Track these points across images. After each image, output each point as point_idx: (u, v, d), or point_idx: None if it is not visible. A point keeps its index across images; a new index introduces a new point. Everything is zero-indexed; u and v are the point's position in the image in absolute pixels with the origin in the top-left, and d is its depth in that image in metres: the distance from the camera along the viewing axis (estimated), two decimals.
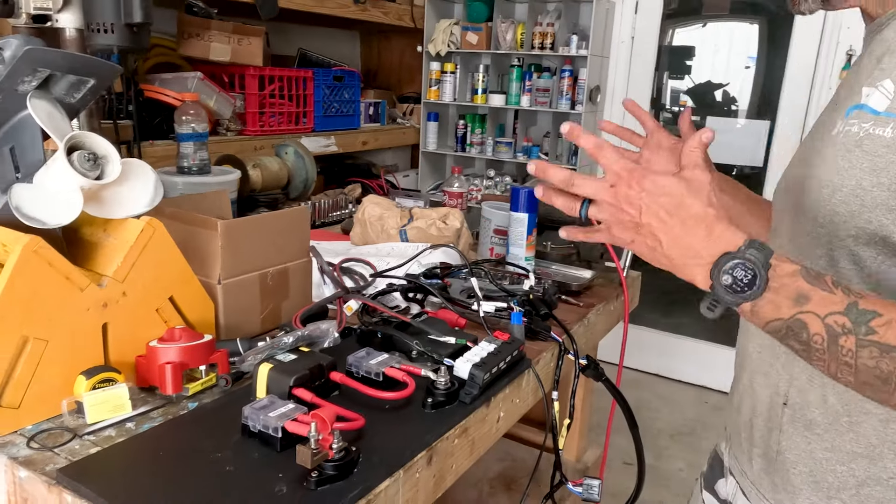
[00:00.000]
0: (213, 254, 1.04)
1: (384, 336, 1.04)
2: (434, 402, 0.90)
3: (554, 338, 1.17)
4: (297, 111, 2.76)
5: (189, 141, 1.68)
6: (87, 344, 0.87)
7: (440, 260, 1.40)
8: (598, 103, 3.38)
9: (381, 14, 3.14)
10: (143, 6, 1.19)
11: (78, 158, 0.85)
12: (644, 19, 3.35)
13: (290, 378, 0.85)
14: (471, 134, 3.62)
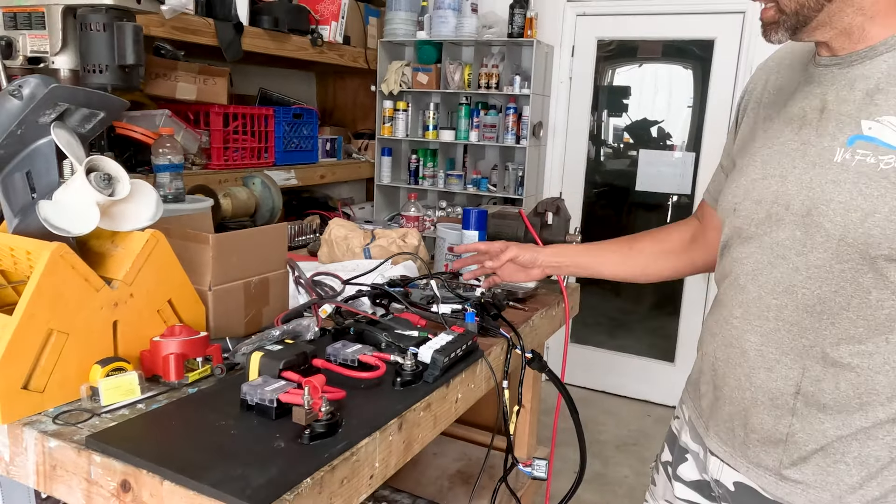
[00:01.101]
0: (204, 264, 1.18)
1: (357, 331, 1.20)
2: (402, 381, 1.06)
3: (503, 334, 1.34)
4: (259, 146, 2.91)
5: (165, 171, 1.81)
6: (101, 338, 1.01)
7: (401, 273, 1.57)
8: (541, 137, 3.63)
9: (336, 56, 3.34)
10: (136, 49, 1.34)
11: (95, 178, 0.99)
12: (580, 62, 3.64)
13: (279, 362, 1.00)
14: (423, 167, 3.82)
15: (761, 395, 0.94)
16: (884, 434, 0.86)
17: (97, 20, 1.31)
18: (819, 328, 0.87)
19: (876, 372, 0.85)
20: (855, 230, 0.81)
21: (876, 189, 0.80)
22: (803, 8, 0.84)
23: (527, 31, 3.39)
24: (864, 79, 0.84)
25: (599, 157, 4.02)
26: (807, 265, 0.87)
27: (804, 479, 0.91)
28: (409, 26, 3.65)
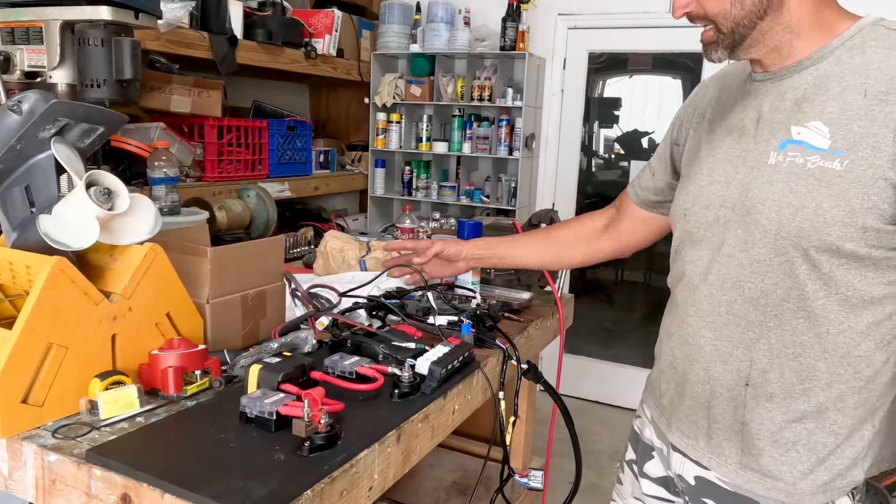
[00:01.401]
0: (202, 277, 1.19)
1: (354, 343, 1.21)
2: (400, 392, 1.07)
3: (498, 345, 1.35)
4: (253, 158, 2.92)
5: (161, 184, 1.83)
6: (100, 351, 1.01)
7: (397, 285, 1.58)
8: (533, 149, 3.66)
9: (330, 69, 3.36)
10: (134, 64, 1.35)
11: (94, 192, 1.00)
12: (572, 74, 3.68)
13: (278, 374, 1.01)
14: (416, 179, 3.84)
15: (719, 388, 1.00)
16: (830, 423, 0.93)
17: (95, 35, 1.32)
18: (764, 321, 0.95)
19: (816, 360, 0.92)
20: (788, 225, 0.89)
21: (804, 186, 0.88)
22: (738, 27, 0.92)
23: (519, 44, 3.43)
24: (792, 90, 0.93)
25: (591, 167, 4.06)
26: (750, 261, 0.94)
27: (760, 468, 0.97)
28: (403, 39, 3.67)
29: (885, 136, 0.84)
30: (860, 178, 0.85)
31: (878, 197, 0.84)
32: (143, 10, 1.34)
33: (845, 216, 0.85)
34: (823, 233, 0.87)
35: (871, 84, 0.86)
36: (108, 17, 1.30)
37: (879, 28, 0.90)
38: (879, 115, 0.85)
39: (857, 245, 0.86)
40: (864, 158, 0.85)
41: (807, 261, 0.89)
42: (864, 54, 0.88)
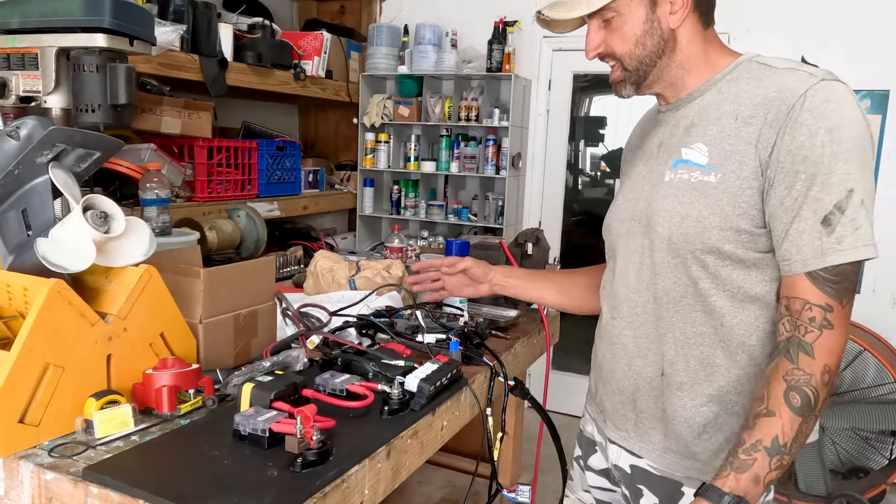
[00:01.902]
0: (195, 297, 1.22)
1: (344, 362, 1.23)
2: (390, 409, 1.09)
3: (486, 362, 1.38)
4: (243, 179, 2.95)
5: (153, 206, 1.85)
6: (95, 371, 1.03)
7: (386, 303, 1.61)
8: (520, 168, 3.71)
9: (319, 90, 3.41)
10: (128, 90, 1.38)
11: (91, 216, 1.03)
12: (557, 94, 3.75)
13: (270, 393, 1.03)
14: (405, 198, 3.88)
15: (641, 381, 1.12)
16: (732, 405, 1.05)
17: (91, 62, 1.35)
18: (669, 316, 1.07)
19: (714, 349, 1.04)
20: (677, 231, 1.03)
21: (688, 198, 1.02)
22: (641, 65, 1.07)
23: (505, 66, 3.49)
24: (685, 118, 1.08)
25: (577, 185, 4.11)
26: (654, 264, 1.08)
27: (679, 450, 1.08)
28: (391, 61, 3.73)
29: (749, 152, 0.97)
30: (731, 188, 0.98)
31: (747, 203, 0.97)
32: (138, 38, 1.38)
33: (721, 221, 0.99)
34: (705, 237, 1.00)
35: (741, 109, 0.99)
36: (103, 45, 1.33)
37: (753, 63, 1.04)
38: (745, 134, 0.98)
39: (734, 247, 0.99)
40: (733, 171, 0.98)
41: (696, 262, 1.02)
42: (738, 85, 1.02)
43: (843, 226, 0.91)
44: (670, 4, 1.03)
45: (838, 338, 0.93)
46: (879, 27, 3.03)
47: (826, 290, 0.92)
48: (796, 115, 0.93)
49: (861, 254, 0.91)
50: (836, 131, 0.91)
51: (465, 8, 3.76)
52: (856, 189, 0.91)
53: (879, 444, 2.91)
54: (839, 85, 0.94)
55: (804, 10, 3.11)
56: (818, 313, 0.93)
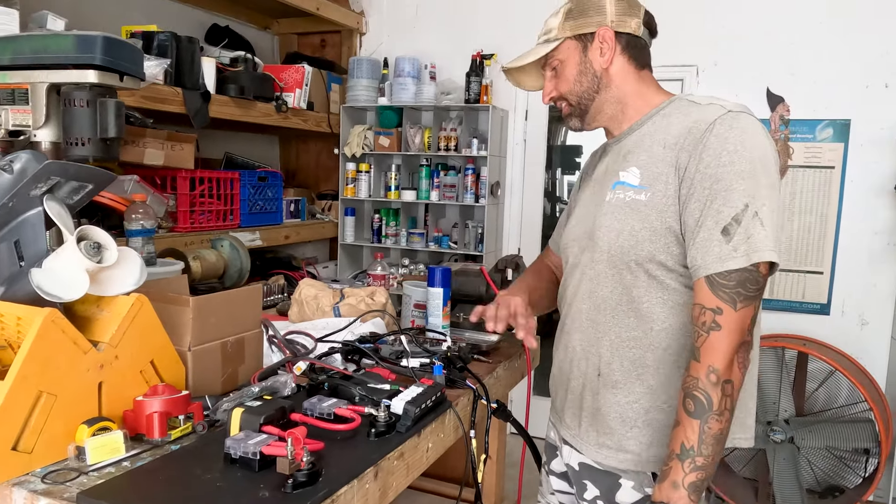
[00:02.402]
0: (184, 325, 1.24)
1: (331, 386, 1.26)
2: (377, 431, 1.12)
3: (469, 385, 1.42)
4: (225, 209, 2.98)
5: (138, 236, 1.87)
6: (87, 399, 1.05)
7: (370, 330, 1.65)
8: (498, 196, 3.79)
9: (301, 121, 3.46)
10: (118, 123, 1.42)
11: (84, 247, 1.06)
12: (533, 124, 3.84)
13: (260, 417, 1.06)
14: (386, 226, 3.92)
15: (585, 381, 1.24)
16: (661, 402, 1.16)
17: (81, 97, 1.39)
18: (606, 321, 1.20)
19: (645, 351, 1.17)
20: (613, 244, 1.17)
21: (623, 215, 1.16)
22: (581, 100, 1.25)
23: (483, 97, 3.58)
24: (625, 147, 1.23)
25: (555, 213, 4.20)
26: (595, 274, 1.21)
27: (614, 444, 1.20)
28: (371, 92, 3.80)
29: (671, 174, 1.11)
30: (657, 205, 1.12)
31: (671, 218, 1.11)
32: (128, 74, 1.42)
33: (650, 234, 1.13)
34: (637, 248, 1.14)
35: (668, 138, 1.14)
36: (94, 81, 1.37)
37: (683, 101, 1.20)
38: (669, 158, 1.12)
39: (664, 258, 1.12)
40: (660, 191, 1.12)
41: (629, 271, 1.16)
42: (669, 118, 1.18)
43: (738, 235, 1.03)
44: (599, 48, 1.21)
45: (726, 338, 1.03)
46: (841, 61, 3.17)
47: (719, 293, 1.04)
48: (706, 140, 1.08)
49: (752, 258, 1.02)
50: (736, 153, 1.05)
51: (444, 42, 3.86)
52: (751, 204, 1.03)
53: (854, 462, 2.98)
54: (745, 116, 1.09)
55: (770, 44, 3.25)
56: (708, 317, 1.04)
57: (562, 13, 1.24)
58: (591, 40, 1.22)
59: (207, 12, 3.58)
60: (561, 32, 1.23)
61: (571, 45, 1.23)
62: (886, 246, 3.18)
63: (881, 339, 3.22)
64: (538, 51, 1.25)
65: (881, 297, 3.21)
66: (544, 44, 1.25)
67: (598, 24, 1.20)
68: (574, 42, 1.22)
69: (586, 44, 1.22)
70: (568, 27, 1.22)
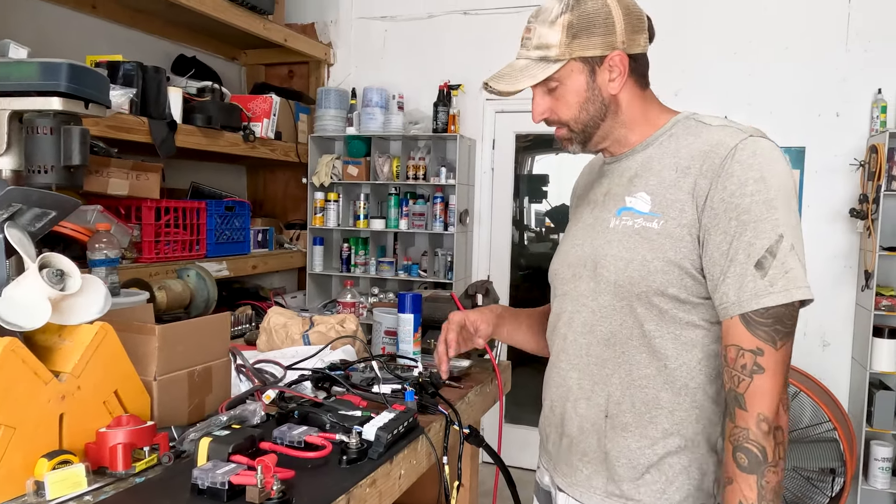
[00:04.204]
0: (149, 354, 1.22)
1: (301, 414, 1.24)
2: (348, 458, 1.11)
3: (441, 411, 1.41)
4: (191, 239, 2.94)
5: (101, 266, 1.84)
6: (47, 431, 1.02)
7: (340, 357, 1.63)
8: (467, 224, 3.81)
9: (268, 151, 3.45)
10: (82, 151, 1.40)
11: (47, 274, 1.03)
12: (501, 153, 3.90)
13: (228, 446, 1.03)
14: (355, 255, 3.91)
15: (585, 423, 1.14)
16: (675, 447, 1.07)
17: (44, 124, 1.37)
18: (615, 358, 1.10)
19: (659, 390, 1.07)
20: (622, 275, 1.07)
21: (632, 243, 1.07)
22: (587, 127, 1.14)
23: (450, 127, 3.63)
24: (628, 169, 1.14)
25: (523, 241, 4.23)
26: (599, 307, 1.11)
27: (622, 493, 1.10)
28: (339, 122, 3.83)
29: (687, 200, 1.03)
30: (672, 233, 1.04)
31: (687, 248, 1.03)
32: (93, 101, 1.40)
33: (664, 265, 1.03)
34: (649, 280, 1.05)
35: (680, 162, 1.06)
36: (58, 108, 1.35)
37: (690, 120, 1.12)
38: (684, 184, 1.04)
39: (678, 290, 1.04)
40: (674, 218, 1.04)
41: (641, 304, 1.06)
42: (677, 140, 1.10)
43: (774, 269, 0.95)
44: (608, 72, 1.09)
45: (771, 381, 0.95)
46: (795, 91, 3.30)
47: (758, 333, 0.95)
48: (728, 167, 1.00)
49: (793, 295, 0.95)
50: (762, 181, 0.97)
51: (411, 72, 3.92)
52: (785, 234, 0.96)
53: (820, 482, 3.02)
54: (765, 141, 1.02)
55: (730, 73, 3.37)
56: (749, 359, 0.96)
57: (560, 26, 1.07)
58: (600, 63, 1.09)
59: (174, 43, 3.58)
60: (564, 52, 1.07)
61: (576, 68, 1.08)
62: (843, 269, 3.28)
63: (842, 360, 3.30)
64: (534, 72, 1.09)
65: (840, 319, 3.29)
66: (540, 62, 1.09)
67: (608, 46, 1.07)
68: (579, 64, 1.08)
69: (594, 66, 1.09)
70: (574, 47, 1.07)
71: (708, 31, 3.39)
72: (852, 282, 3.27)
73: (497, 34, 3.70)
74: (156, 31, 3.44)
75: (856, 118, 3.22)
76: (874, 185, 3.02)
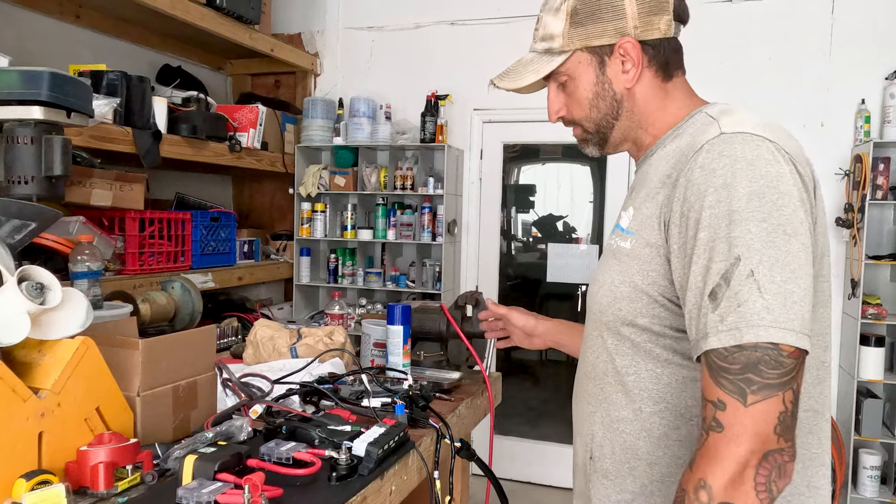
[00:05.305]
0: (133, 369, 1.18)
1: (289, 429, 1.21)
2: (338, 475, 1.08)
3: (432, 424, 1.39)
4: (176, 250, 2.90)
5: (83, 278, 1.79)
6: (25, 450, 0.98)
7: (329, 370, 1.60)
8: (455, 234, 3.80)
9: (254, 161, 3.42)
10: (64, 161, 1.37)
11: (26, 287, 1.00)
12: (488, 164, 3.89)
13: (214, 464, 1.00)
14: (342, 266, 3.88)
15: (578, 459, 1.06)
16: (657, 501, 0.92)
17: (25, 134, 1.34)
18: (596, 393, 0.99)
19: (636, 438, 0.93)
20: (594, 300, 0.98)
21: (607, 265, 0.96)
22: (600, 127, 1.01)
23: (438, 137, 3.62)
24: (636, 180, 1.02)
25: (511, 251, 4.22)
26: (585, 336, 1.04)
27: None
28: (326, 132, 3.80)
29: (657, 216, 0.88)
30: (640, 255, 0.89)
31: (656, 272, 0.87)
32: (75, 110, 1.38)
33: (630, 291, 0.90)
34: (615, 307, 0.92)
35: (665, 169, 0.90)
36: (40, 117, 1.33)
37: (701, 114, 0.94)
38: (659, 196, 0.89)
39: (649, 321, 0.88)
40: (644, 237, 0.89)
41: (611, 334, 0.94)
42: (678, 141, 0.93)
43: (727, 300, 0.75)
44: (621, 63, 0.95)
45: (729, 446, 0.73)
46: (781, 101, 3.32)
47: (720, 381, 0.75)
48: (689, 172, 0.83)
49: (744, 337, 0.73)
50: (725, 189, 0.78)
51: (398, 82, 3.91)
52: (744, 256, 0.75)
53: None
54: (744, 138, 0.81)
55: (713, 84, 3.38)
56: (709, 412, 0.76)
57: (564, 13, 0.95)
58: (610, 53, 0.95)
59: (159, 53, 3.55)
60: (567, 43, 0.96)
61: (583, 59, 0.96)
62: (830, 278, 3.29)
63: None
64: (538, 66, 0.99)
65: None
66: (545, 55, 0.99)
67: (616, 31, 0.94)
68: (586, 55, 0.96)
69: (603, 57, 0.96)
70: (577, 36, 0.95)
71: (691, 42, 3.41)
72: (838, 291, 3.28)
73: (484, 44, 3.71)
74: (140, 41, 3.41)
75: (840, 128, 3.25)
76: (859, 194, 3.04)
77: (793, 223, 0.77)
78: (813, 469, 0.90)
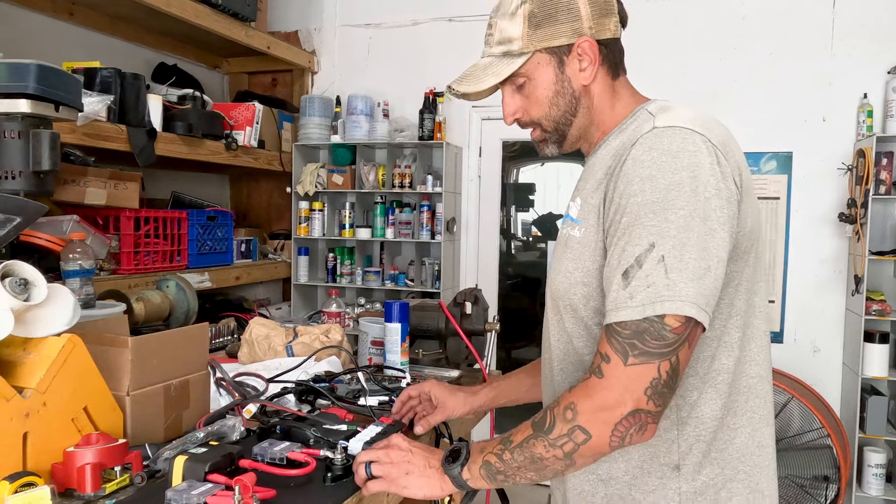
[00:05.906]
0: (122, 368, 1.15)
1: (283, 429, 1.18)
2: (333, 475, 1.05)
3: None
4: (172, 249, 2.87)
5: (75, 277, 1.76)
6: (9, 452, 0.95)
7: (325, 368, 1.57)
8: (454, 232, 3.76)
9: (251, 160, 3.39)
10: (52, 156, 1.34)
11: (10, 283, 0.97)
12: (487, 161, 3.86)
13: (205, 465, 0.97)
14: (340, 265, 3.85)
15: None
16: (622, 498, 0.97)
17: (12, 128, 1.31)
18: (557, 378, 1.04)
19: None
20: (552, 285, 1.04)
21: (560, 252, 1.03)
22: (559, 125, 1.05)
23: (436, 134, 3.58)
24: (583, 173, 1.08)
25: (510, 249, 4.20)
26: (547, 322, 1.08)
27: None
28: (323, 130, 3.77)
29: (600, 205, 0.95)
30: (589, 242, 0.96)
31: (603, 258, 0.94)
32: (63, 104, 1.35)
33: (583, 276, 0.97)
34: (571, 292, 0.99)
35: (609, 161, 0.97)
36: (26, 111, 1.30)
37: (643, 112, 1.00)
38: (602, 186, 0.96)
39: (601, 304, 0.94)
40: (592, 225, 0.96)
41: (569, 317, 1.01)
42: (621, 136, 0.99)
43: (637, 280, 0.85)
44: (578, 62, 1.01)
45: (601, 392, 0.85)
46: (782, 96, 3.29)
47: (612, 341, 0.86)
48: (623, 164, 0.91)
49: (652, 310, 0.83)
50: (649, 180, 0.87)
51: (396, 79, 3.88)
52: (658, 243, 0.84)
53: (814, 489, 2.98)
54: (675, 132, 0.89)
55: (715, 79, 3.36)
56: (597, 361, 0.87)
57: (521, 17, 1.00)
58: (568, 52, 1.00)
59: (154, 51, 3.52)
60: (528, 44, 1.00)
61: (543, 60, 1.01)
62: (833, 273, 3.27)
63: (833, 366, 3.28)
64: (498, 69, 1.02)
65: (830, 324, 3.28)
66: (504, 57, 1.02)
67: (574, 32, 0.99)
68: (545, 56, 1.01)
69: (561, 57, 1.01)
70: (536, 38, 0.99)
71: (693, 37, 3.38)
72: (842, 287, 3.25)
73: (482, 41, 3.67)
74: (136, 39, 3.38)
75: (842, 123, 3.22)
76: (862, 189, 3.01)
77: (707, 210, 0.86)
78: (761, 430, 0.98)
